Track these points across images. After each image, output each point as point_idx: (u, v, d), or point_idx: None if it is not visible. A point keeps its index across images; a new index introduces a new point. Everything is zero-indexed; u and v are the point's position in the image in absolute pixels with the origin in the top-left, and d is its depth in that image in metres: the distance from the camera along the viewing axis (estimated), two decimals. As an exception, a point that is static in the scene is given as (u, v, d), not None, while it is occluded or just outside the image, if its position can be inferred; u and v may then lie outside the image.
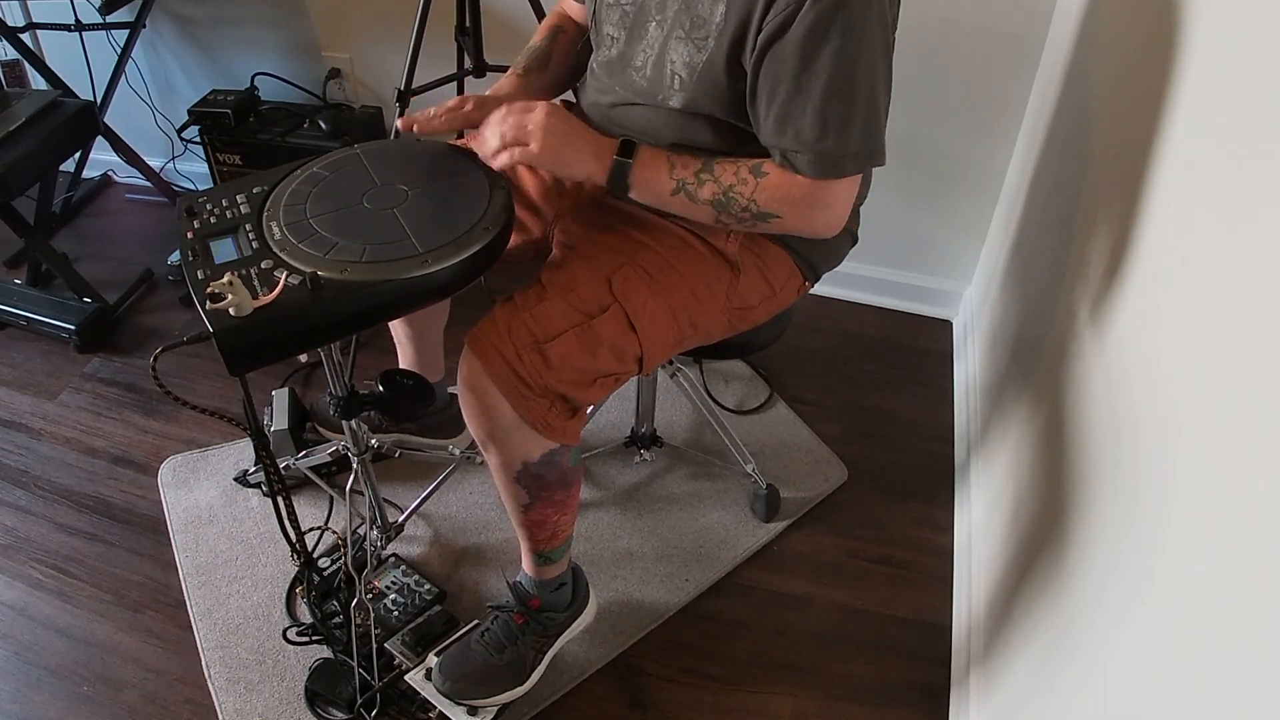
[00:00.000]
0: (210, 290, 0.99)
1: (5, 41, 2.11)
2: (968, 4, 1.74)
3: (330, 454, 1.72)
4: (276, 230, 1.10)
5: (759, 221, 1.12)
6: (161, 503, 1.75)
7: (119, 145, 2.25)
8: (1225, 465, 0.78)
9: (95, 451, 1.86)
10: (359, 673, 1.40)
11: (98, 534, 1.70)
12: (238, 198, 1.16)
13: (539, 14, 1.83)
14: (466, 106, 1.21)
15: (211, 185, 2.32)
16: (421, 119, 1.20)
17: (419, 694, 1.38)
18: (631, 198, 1.14)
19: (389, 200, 1.15)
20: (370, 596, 1.53)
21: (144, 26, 2.20)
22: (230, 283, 0.99)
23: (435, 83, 1.92)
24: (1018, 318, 1.66)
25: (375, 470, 1.53)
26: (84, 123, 2.06)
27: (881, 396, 2.01)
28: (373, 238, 1.08)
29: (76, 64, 2.23)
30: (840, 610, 1.59)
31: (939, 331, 2.18)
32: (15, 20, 2.20)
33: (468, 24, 1.88)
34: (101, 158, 2.53)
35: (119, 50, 2.22)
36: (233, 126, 2.20)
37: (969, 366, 1.99)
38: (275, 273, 1.04)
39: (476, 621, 1.45)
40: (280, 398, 1.77)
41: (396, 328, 1.66)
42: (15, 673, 1.48)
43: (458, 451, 1.74)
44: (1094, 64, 1.44)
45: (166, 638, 1.53)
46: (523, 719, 1.42)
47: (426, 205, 1.14)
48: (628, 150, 1.11)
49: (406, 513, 1.68)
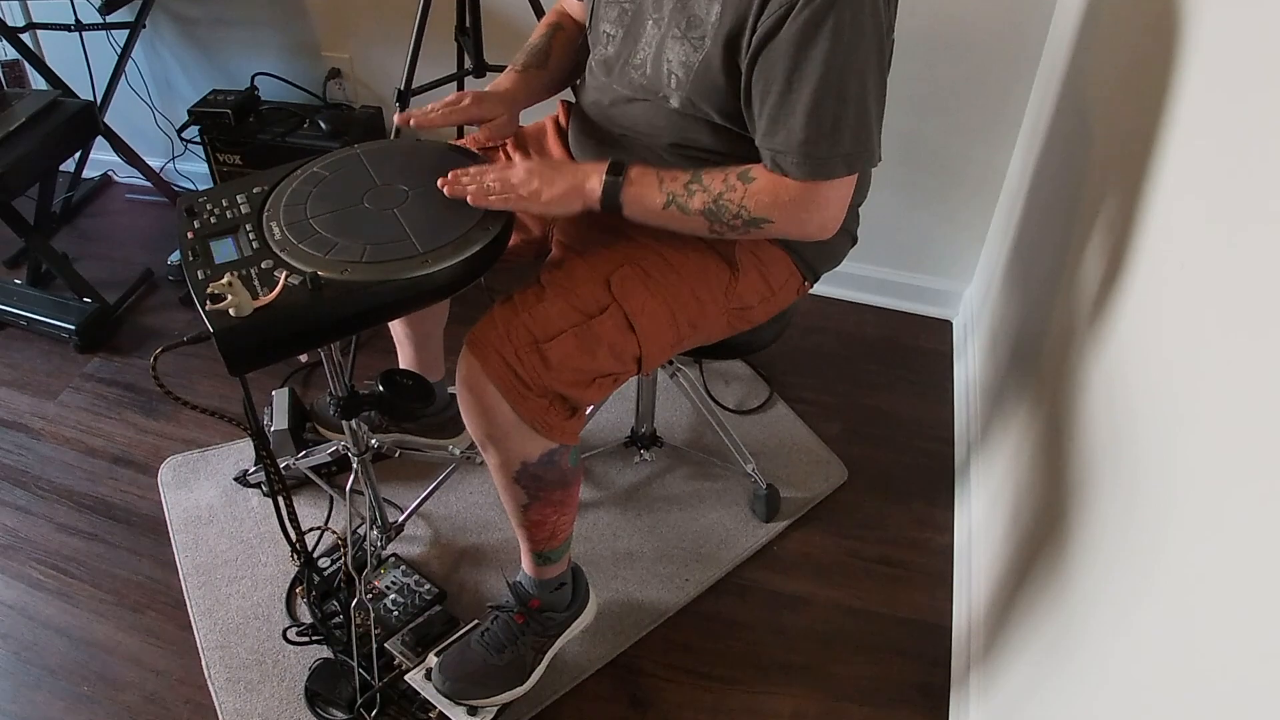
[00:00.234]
0: (210, 290, 0.99)
1: (5, 41, 2.11)
2: (968, 4, 1.74)
3: (330, 454, 1.72)
4: (276, 230, 1.10)
5: (752, 227, 1.12)
6: (161, 503, 1.74)
7: (119, 145, 2.25)
8: (1225, 465, 0.77)
9: (95, 451, 1.86)
10: (359, 673, 1.40)
11: (98, 534, 1.70)
12: (238, 198, 1.16)
13: (539, 13, 1.84)
14: (464, 101, 1.21)
15: (211, 185, 2.32)
16: (419, 114, 1.20)
17: (419, 694, 1.38)
18: (625, 216, 1.15)
19: (389, 200, 1.15)
20: (370, 596, 1.53)
21: (144, 26, 2.20)
22: (230, 283, 0.99)
23: (435, 83, 1.92)
24: (1018, 318, 1.66)
25: (375, 470, 1.53)
26: (84, 123, 2.06)
27: (881, 396, 2.01)
28: (373, 238, 1.08)
29: (76, 64, 2.23)
30: (840, 610, 1.59)
31: (939, 331, 2.18)
32: (15, 20, 2.20)
33: (467, 24, 1.88)
34: (101, 158, 2.53)
35: (119, 50, 2.22)
36: (233, 126, 2.20)
37: (969, 366, 1.99)
38: (275, 273, 1.04)
39: (476, 621, 1.45)
40: (280, 398, 1.77)
41: (396, 328, 1.66)
42: (15, 673, 1.48)
43: (458, 451, 1.74)
44: (1094, 64, 1.44)
45: (166, 638, 1.53)
46: (523, 719, 1.42)
47: (427, 205, 1.14)
48: (617, 169, 1.13)
49: (406, 513, 1.68)
